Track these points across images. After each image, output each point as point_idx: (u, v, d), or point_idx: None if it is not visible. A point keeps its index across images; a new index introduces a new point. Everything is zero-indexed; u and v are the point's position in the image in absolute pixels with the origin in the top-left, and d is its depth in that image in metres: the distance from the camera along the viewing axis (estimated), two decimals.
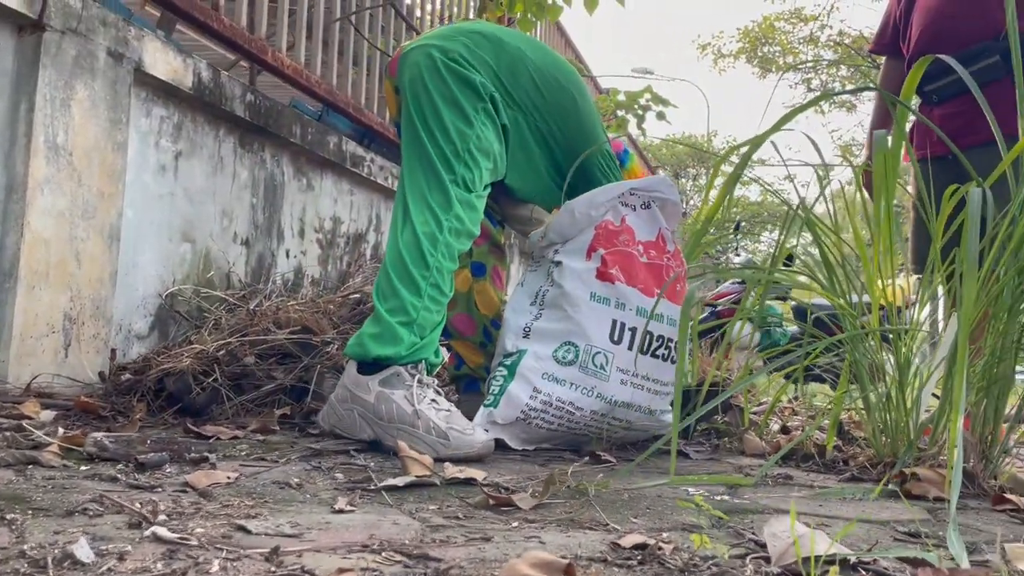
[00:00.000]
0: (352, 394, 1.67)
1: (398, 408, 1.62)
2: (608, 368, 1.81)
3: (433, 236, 1.73)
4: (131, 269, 2.19)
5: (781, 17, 15.27)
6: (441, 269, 1.73)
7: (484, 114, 1.85)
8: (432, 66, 1.85)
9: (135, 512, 0.95)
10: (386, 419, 1.63)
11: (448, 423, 1.61)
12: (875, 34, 2.88)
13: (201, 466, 1.30)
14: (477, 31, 1.96)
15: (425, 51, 1.87)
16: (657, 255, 1.96)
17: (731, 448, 1.99)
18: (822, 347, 1.69)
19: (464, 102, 1.83)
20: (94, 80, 2.00)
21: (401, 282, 1.70)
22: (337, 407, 1.70)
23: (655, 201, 1.99)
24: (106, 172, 2.05)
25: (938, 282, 1.85)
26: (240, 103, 2.51)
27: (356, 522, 1.01)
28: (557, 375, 1.78)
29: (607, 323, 1.83)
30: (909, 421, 1.69)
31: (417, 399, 1.63)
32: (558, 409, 1.78)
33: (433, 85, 1.83)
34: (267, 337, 2.11)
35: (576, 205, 1.89)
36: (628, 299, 1.85)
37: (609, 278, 1.85)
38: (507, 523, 1.05)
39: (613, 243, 1.89)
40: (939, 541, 1.10)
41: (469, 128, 1.81)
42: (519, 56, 1.96)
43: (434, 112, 1.81)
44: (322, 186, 3.07)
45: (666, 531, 1.04)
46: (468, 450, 1.58)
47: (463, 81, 1.84)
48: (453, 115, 1.81)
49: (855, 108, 16.25)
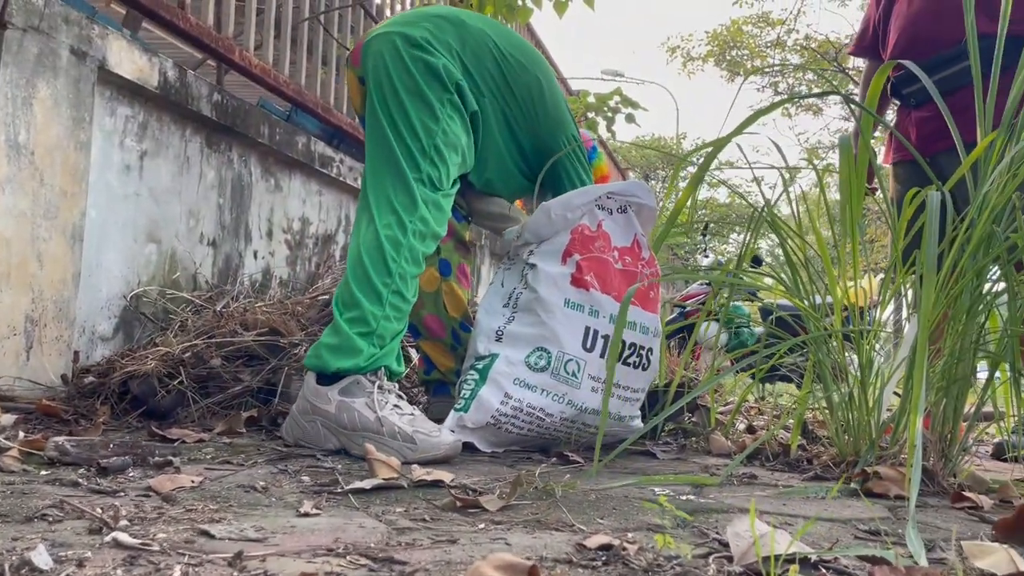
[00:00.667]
0: (313, 405, 1.64)
1: (360, 416, 1.60)
2: (580, 375, 1.82)
3: (396, 240, 1.69)
4: (95, 270, 2.16)
5: (749, 21, 15.43)
6: (404, 275, 1.69)
7: (450, 106, 1.80)
8: (396, 55, 1.80)
9: (96, 517, 0.94)
10: (349, 428, 1.60)
11: (413, 427, 1.59)
12: (855, 37, 2.92)
13: (165, 470, 1.29)
14: (440, 15, 1.92)
15: (389, 39, 1.83)
16: (632, 261, 1.96)
17: (698, 448, 2.01)
18: (786, 347, 1.71)
19: (429, 94, 1.78)
20: (56, 78, 1.97)
21: (361, 290, 1.66)
22: (299, 419, 1.67)
23: (631, 206, 1.99)
24: (69, 171, 2.02)
25: (899, 284, 1.88)
26: (207, 102, 2.48)
27: (322, 525, 1.00)
28: (529, 381, 1.78)
29: (580, 330, 1.83)
30: (871, 420, 1.72)
31: (379, 406, 1.60)
32: (528, 415, 1.78)
33: (397, 76, 1.79)
34: (234, 339, 2.09)
35: (552, 206, 1.89)
36: (602, 306, 1.85)
37: (584, 284, 1.85)
38: (473, 525, 1.05)
39: (589, 249, 1.88)
40: (899, 539, 1.12)
41: (435, 123, 1.77)
42: (483, 39, 1.93)
43: (399, 106, 1.77)
44: (290, 186, 3.05)
45: (631, 531, 1.05)
46: (435, 452, 1.56)
47: (428, 70, 1.80)
48: (418, 109, 1.77)
49: (821, 112, 16.46)
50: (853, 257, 1.72)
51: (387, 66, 1.80)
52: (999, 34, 1.83)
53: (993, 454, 2.39)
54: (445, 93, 1.80)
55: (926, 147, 2.52)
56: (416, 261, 1.71)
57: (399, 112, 1.77)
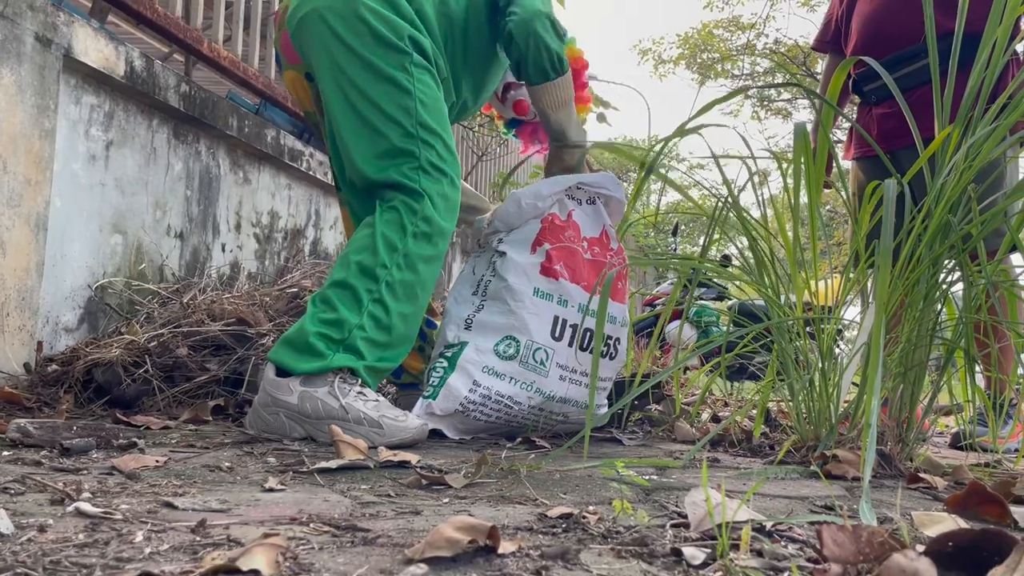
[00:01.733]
0: (274, 398, 1.59)
1: (324, 404, 1.57)
2: (548, 364, 1.83)
3: (391, 242, 1.62)
4: (59, 260, 2.15)
5: (719, 25, 15.59)
6: (393, 283, 1.62)
7: (413, 67, 1.68)
8: (334, 38, 1.67)
9: (58, 491, 0.94)
10: (313, 416, 1.57)
11: (379, 412, 1.58)
12: (818, 32, 2.97)
13: (129, 451, 1.29)
14: None
15: (318, 18, 1.68)
16: (601, 252, 1.98)
17: (663, 436, 2.04)
18: (751, 335, 1.74)
19: (388, 68, 1.66)
20: (20, 65, 1.95)
21: (341, 296, 1.60)
22: (261, 412, 1.62)
23: (600, 197, 2.01)
24: (33, 160, 2.00)
25: (860, 275, 1.92)
26: (175, 93, 2.47)
27: (286, 499, 1.01)
28: (497, 369, 1.79)
29: (549, 319, 1.84)
30: (830, 406, 1.76)
31: (342, 393, 1.58)
32: (496, 402, 1.80)
33: (348, 62, 1.67)
34: (201, 329, 2.08)
35: (522, 195, 1.90)
36: (571, 296, 1.87)
37: (553, 274, 1.86)
38: (438, 500, 1.07)
39: (559, 238, 1.90)
40: (853, 514, 1.15)
41: (408, 97, 1.67)
42: None
43: (362, 96, 1.66)
44: (259, 180, 3.04)
45: (593, 505, 1.07)
46: (402, 436, 1.57)
47: (376, 40, 1.66)
48: (386, 91, 1.66)
49: (791, 115, 16.66)
50: (812, 240, 1.76)
51: (332, 53, 1.67)
52: (956, 31, 1.88)
53: (951, 443, 2.44)
54: (403, 56, 1.68)
55: (887, 143, 2.57)
56: (412, 267, 1.64)
57: (366, 103, 1.67)
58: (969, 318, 1.74)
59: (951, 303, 1.87)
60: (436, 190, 1.68)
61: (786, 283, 1.91)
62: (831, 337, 1.82)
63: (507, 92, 2.19)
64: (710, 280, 2.71)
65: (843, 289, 1.95)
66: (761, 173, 2.02)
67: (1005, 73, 2.44)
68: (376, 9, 1.70)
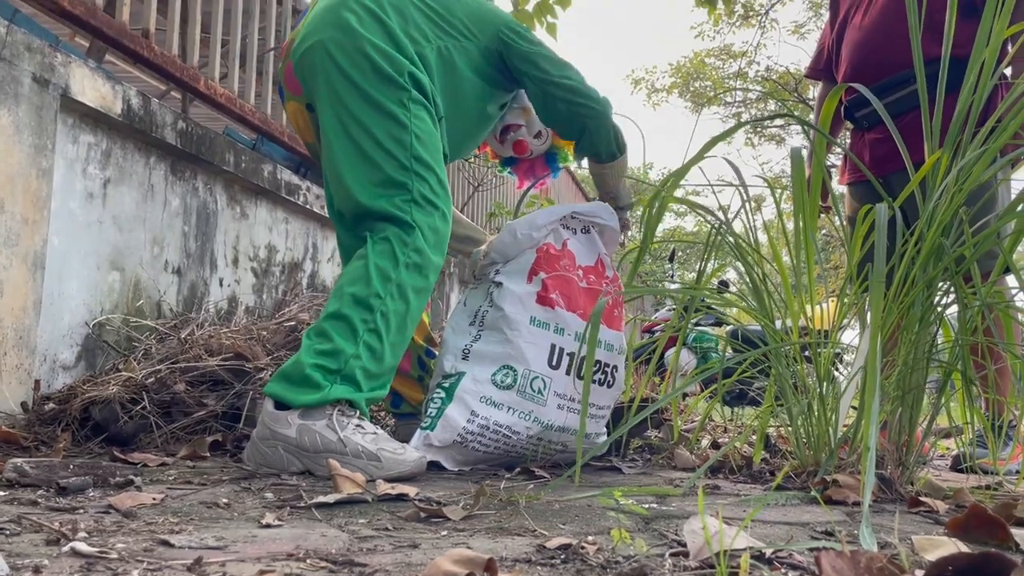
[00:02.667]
0: (272, 431, 1.59)
1: (322, 438, 1.56)
2: (546, 393, 1.83)
3: (385, 273, 1.64)
4: (57, 298, 2.15)
5: (711, 53, 15.76)
6: (387, 313, 1.63)
7: (411, 103, 1.73)
8: (336, 68, 1.72)
9: (54, 530, 0.94)
10: (311, 450, 1.57)
11: (377, 445, 1.57)
12: (811, 60, 3.01)
13: (126, 489, 1.28)
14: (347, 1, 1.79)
15: (322, 50, 1.73)
16: (596, 280, 1.98)
17: (663, 463, 2.03)
18: (749, 360, 1.74)
19: (387, 102, 1.70)
20: (18, 105, 1.97)
21: (336, 328, 1.61)
22: (260, 445, 1.61)
23: (594, 226, 2.02)
24: (30, 199, 2.01)
25: (856, 298, 1.93)
26: (171, 130, 2.49)
27: (283, 535, 1.01)
28: (495, 399, 1.79)
29: (546, 348, 1.84)
30: (829, 431, 1.75)
31: (340, 426, 1.57)
32: (495, 432, 1.79)
33: (348, 94, 1.71)
34: (198, 364, 2.08)
35: (518, 226, 1.91)
36: (568, 324, 1.87)
37: (549, 303, 1.86)
38: (436, 532, 1.06)
39: (554, 267, 1.90)
40: (853, 539, 1.14)
41: (404, 131, 1.70)
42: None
43: (360, 127, 1.70)
44: (257, 214, 3.05)
45: (592, 535, 1.06)
46: (400, 469, 1.56)
47: (376, 74, 1.71)
48: (383, 123, 1.70)
49: (784, 141, 16.78)
50: (808, 266, 1.76)
51: (333, 85, 1.72)
52: (943, 55, 1.90)
53: (952, 466, 2.43)
54: (402, 92, 1.72)
55: (879, 168, 2.59)
56: (404, 297, 1.65)
57: (363, 134, 1.70)
58: (965, 340, 1.74)
59: (947, 325, 1.88)
60: (427, 223, 1.70)
61: (782, 308, 1.92)
62: (828, 361, 1.83)
63: (506, 134, 2.22)
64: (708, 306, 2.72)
65: (839, 313, 1.95)
66: (756, 200, 2.04)
67: (994, 95, 2.46)
68: (379, 45, 1.74)
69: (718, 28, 14.62)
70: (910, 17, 1.88)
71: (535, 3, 3.75)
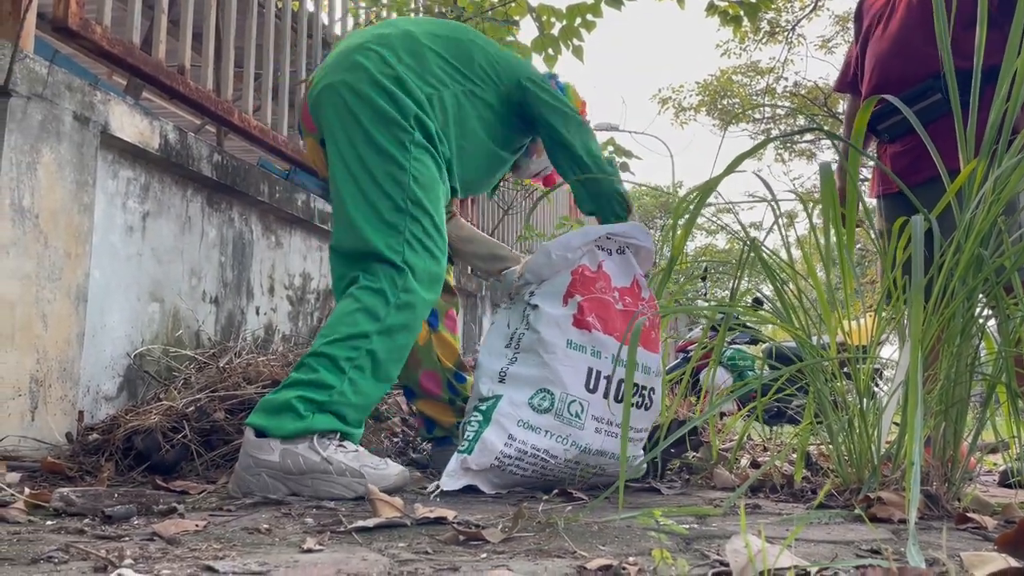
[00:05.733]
0: (255, 459, 1.61)
1: (305, 459, 1.59)
2: (584, 416, 1.81)
3: (374, 312, 1.68)
4: (99, 330, 2.19)
5: (738, 70, 15.74)
6: (373, 351, 1.67)
7: (413, 145, 1.78)
8: (345, 108, 1.79)
9: (101, 558, 0.95)
10: (296, 472, 1.60)
11: (359, 462, 1.62)
12: (839, 74, 3.01)
13: (170, 516, 1.30)
14: (361, 43, 1.88)
15: (334, 92, 1.82)
16: (632, 302, 1.96)
17: (702, 483, 2.01)
18: (784, 376, 1.72)
19: (387, 144, 1.76)
20: (60, 143, 2.03)
21: (323, 360, 1.65)
22: (243, 474, 1.62)
23: (629, 247, 2.01)
24: (73, 234, 2.06)
25: (895, 311, 1.90)
26: (207, 163, 2.55)
27: (325, 560, 1.01)
28: (532, 422, 1.78)
29: (583, 371, 1.83)
30: (872, 448, 1.73)
31: (321, 447, 1.61)
32: (533, 456, 1.78)
33: (353, 133, 1.78)
34: (237, 392, 2.11)
35: (552, 247, 1.91)
36: (605, 347, 1.86)
37: (586, 326, 1.85)
38: (475, 555, 1.06)
39: (590, 289, 1.89)
40: (900, 557, 1.12)
41: (402, 172, 1.75)
42: (409, 35, 1.91)
43: (360, 165, 1.76)
44: (291, 243, 3.10)
45: (632, 556, 1.06)
46: (385, 483, 1.60)
47: (379, 117, 1.77)
48: (383, 163, 1.75)
49: (815, 156, 16.66)
50: (845, 280, 1.75)
51: (341, 123, 1.80)
52: (975, 66, 1.88)
53: (999, 481, 2.38)
54: (404, 134, 1.77)
55: (901, 181, 2.59)
56: (391, 336, 1.69)
57: (364, 174, 1.76)
58: (1009, 351, 1.71)
59: (989, 337, 1.84)
60: (420, 264, 1.74)
61: (818, 324, 1.90)
62: (868, 377, 1.80)
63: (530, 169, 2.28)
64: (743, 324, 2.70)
65: (877, 327, 1.93)
66: (788, 215, 2.03)
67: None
68: (387, 88, 1.81)
69: (744, 45, 14.61)
70: (937, 26, 1.87)
71: (560, 27, 3.78)
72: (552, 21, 3.79)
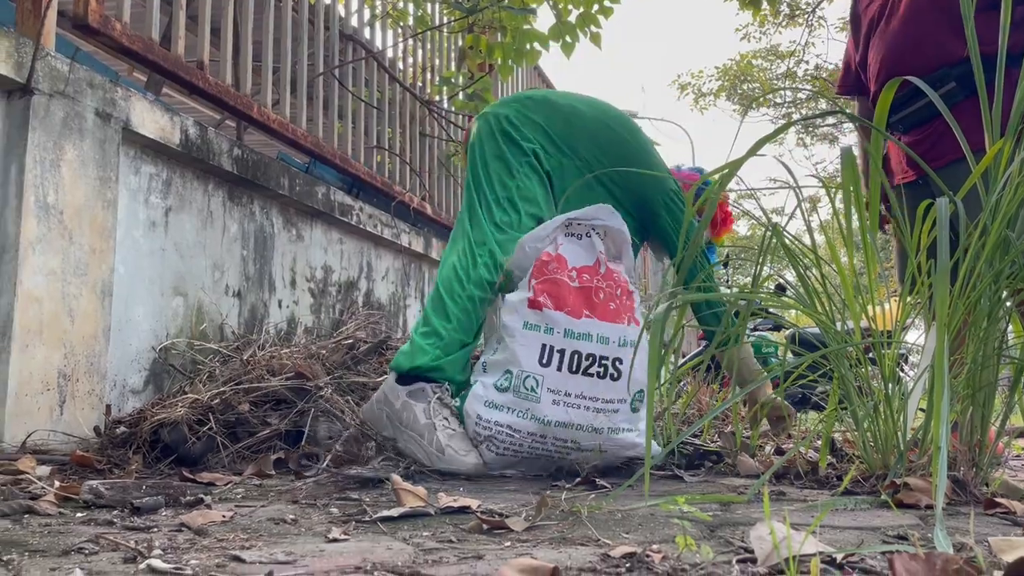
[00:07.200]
0: (386, 397, 1.96)
1: (414, 417, 1.90)
2: (539, 390, 1.91)
3: (466, 269, 2.05)
4: (124, 324, 2.22)
5: (758, 55, 15.57)
6: (472, 298, 2.02)
7: (527, 167, 2.17)
8: (488, 129, 2.22)
9: (130, 548, 0.97)
10: (404, 424, 1.91)
11: (448, 441, 1.85)
12: (839, 77, 3.00)
13: (197, 508, 1.31)
14: (528, 96, 2.33)
15: (484, 118, 2.27)
16: (590, 279, 2.05)
17: (725, 471, 2.00)
18: (806, 363, 1.71)
19: (509, 157, 2.17)
20: (83, 140, 2.05)
21: (435, 312, 2.02)
22: (374, 404, 1.99)
23: (595, 229, 2.09)
24: (97, 230, 2.09)
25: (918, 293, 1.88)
26: (228, 157, 2.56)
27: (350, 549, 1.02)
28: (496, 401, 1.91)
29: (537, 348, 1.94)
30: (898, 433, 1.71)
31: (433, 413, 1.89)
32: (498, 433, 1.89)
33: (487, 145, 2.20)
34: (261, 384, 2.13)
35: (526, 240, 2.03)
36: (556, 323, 1.95)
37: (538, 305, 1.96)
38: (499, 543, 1.07)
39: (543, 272, 2.01)
40: (927, 543, 1.11)
41: (510, 179, 2.15)
42: (571, 111, 2.28)
43: (484, 166, 2.17)
44: (312, 236, 3.11)
45: (656, 543, 1.06)
46: (458, 468, 1.82)
47: (509, 139, 2.19)
48: (498, 168, 2.16)
49: (837, 140, 16.48)
50: (868, 266, 1.73)
51: (480, 137, 2.22)
52: (1000, 50, 1.85)
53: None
54: (523, 156, 2.18)
55: (915, 170, 2.57)
56: (481, 286, 2.03)
57: (483, 170, 2.17)
58: None
59: (1017, 320, 1.82)
60: (500, 239, 2.07)
61: (842, 310, 1.88)
62: (893, 362, 1.78)
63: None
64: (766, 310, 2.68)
65: (902, 312, 1.90)
66: (811, 200, 2.00)
67: None
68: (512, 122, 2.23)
69: (764, 29, 14.45)
70: (963, 7, 1.84)
71: (578, 14, 3.76)
72: (569, 8, 3.77)
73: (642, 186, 2.29)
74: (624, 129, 2.32)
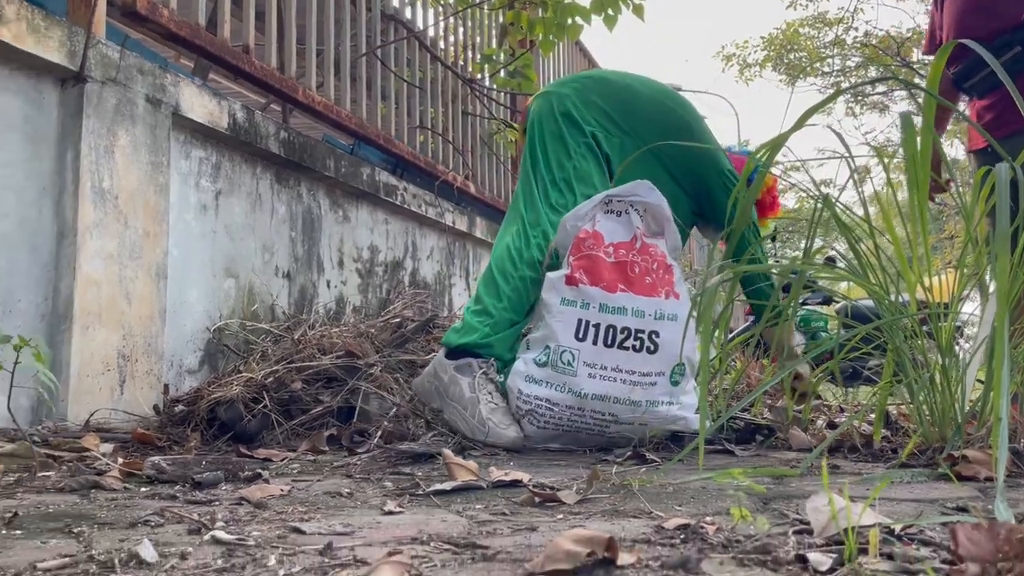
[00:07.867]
0: (435, 371, 2.02)
1: (460, 391, 1.94)
2: (575, 364, 1.94)
3: (520, 250, 2.08)
4: (179, 306, 2.27)
5: (805, 23, 15.20)
6: (524, 278, 2.06)
7: (585, 147, 2.17)
8: (548, 109, 2.21)
9: (194, 521, 1.00)
10: (450, 397, 1.96)
11: (489, 414, 1.89)
12: (926, 37, 2.97)
13: (255, 482, 1.35)
14: (587, 76, 2.35)
15: (545, 97, 2.27)
16: (626, 254, 2.06)
17: (777, 445, 1.99)
18: (859, 335, 1.68)
19: (568, 138, 2.17)
20: (134, 126, 2.09)
21: (487, 291, 2.06)
22: (425, 377, 2.07)
23: (634, 206, 2.10)
24: (150, 213, 2.13)
25: (976, 262, 1.83)
26: (275, 140, 2.59)
27: (406, 521, 1.04)
28: (535, 376, 1.95)
29: (573, 323, 1.96)
30: (955, 405, 1.68)
31: (478, 388, 1.93)
32: (538, 407, 1.93)
33: (546, 125, 2.20)
34: (312, 363, 2.16)
35: (567, 219, 2.06)
36: (592, 298, 1.98)
37: (574, 282, 1.99)
38: (552, 516, 1.07)
39: (581, 249, 2.03)
40: (987, 514, 1.09)
41: (568, 160, 2.15)
42: (628, 90, 2.28)
43: (542, 146, 2.18)
44: (358, 217, 3.14)
45: (710, 515, 1.05)
46: (498, 441, 1.86)
47: (568, 120, 2.18)
48: (556, 149, 2.16)
49: (888, 109, 16.05)
50: (924, 236, 1.69)
51: (540, 117, 2.22)
52: None
53: None
54: (582, 137, 2.18)
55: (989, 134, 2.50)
56: (534, 267, 2.06)
57: (541, 151, 2.18)
58: None
59: None
60: (553, 220, 2.08)
61: (896, 281, 1.84)
62: (950, 333, 1.74)
63: None
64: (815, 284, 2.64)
65: (959, 283, 1.86)
66: (862, 170, 1.96)
67: None
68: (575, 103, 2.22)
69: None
70: None
71: None
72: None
73: (699, 164, 2.29)
74: (678, 106, 2.32)
